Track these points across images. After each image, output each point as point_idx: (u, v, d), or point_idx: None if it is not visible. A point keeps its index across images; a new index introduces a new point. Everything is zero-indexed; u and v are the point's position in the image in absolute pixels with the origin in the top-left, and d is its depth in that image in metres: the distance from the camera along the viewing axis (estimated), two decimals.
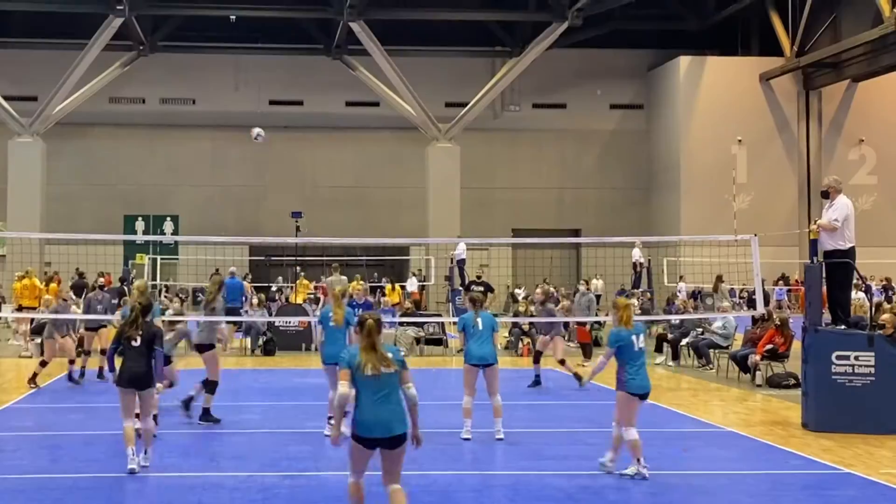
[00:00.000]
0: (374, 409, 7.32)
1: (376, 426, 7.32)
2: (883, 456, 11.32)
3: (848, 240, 13.21)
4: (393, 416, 7.35)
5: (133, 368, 9.96)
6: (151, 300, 11.13)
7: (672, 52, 41.02)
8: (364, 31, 36.42)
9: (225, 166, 41.64)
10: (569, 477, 10.08)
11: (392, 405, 7.37)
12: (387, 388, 7.37)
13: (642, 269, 33.24)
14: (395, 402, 7.39)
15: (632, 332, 10.20)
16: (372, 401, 7.33)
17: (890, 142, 40.58)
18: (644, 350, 10.24)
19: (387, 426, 7.32)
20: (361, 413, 7.33)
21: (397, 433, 7.36)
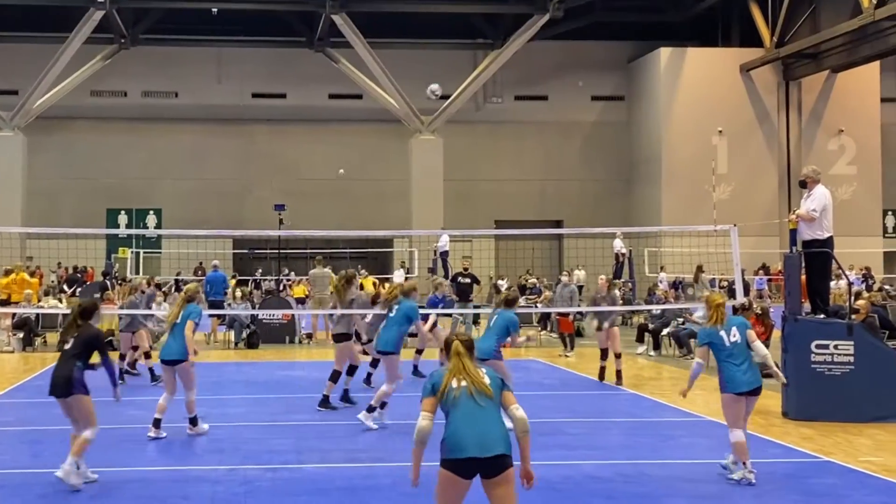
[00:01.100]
0: (468, 426, 6.10)
1: (470, 444, 6.04)
2: (862, 444, 11.44)
3: (826, 229, 13.29)
4: (490, 434, 6.06)
5: (54, 374, 9.33)
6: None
7: (653, 44, 41.22)
8: (346, 24, 36.48)
9: (208, 159, 41.62)
10: (550, 467, 10.14)
11: (490, 423, 6.11)
12: (483, 407, 6.17)
13: (624, 260, 33.45)
14: (493, 420, 6.14)
15: (721, 329, 9.79)
16: (464, 418, 6.15)
17: (869, 132, 40.90)
18: (739, 343, 9.75)
19: (482, 444, 6.03)
20: (452, 432, 6.12)
21: (497, 453, 6.02)
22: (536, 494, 8.91)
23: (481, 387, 6.20)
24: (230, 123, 41.76)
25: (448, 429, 6.17)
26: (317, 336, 25.11)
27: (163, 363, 11.78)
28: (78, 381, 9.24)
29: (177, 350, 11.62)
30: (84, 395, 9.30)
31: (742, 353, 9.72)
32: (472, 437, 6.02)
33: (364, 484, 9.55)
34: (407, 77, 38.84)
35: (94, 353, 9.46)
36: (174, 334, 11.75)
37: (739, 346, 9.73)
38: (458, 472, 6.06)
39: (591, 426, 12.82)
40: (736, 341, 9.73)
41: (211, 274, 27.41)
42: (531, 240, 36.59)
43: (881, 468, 10.10)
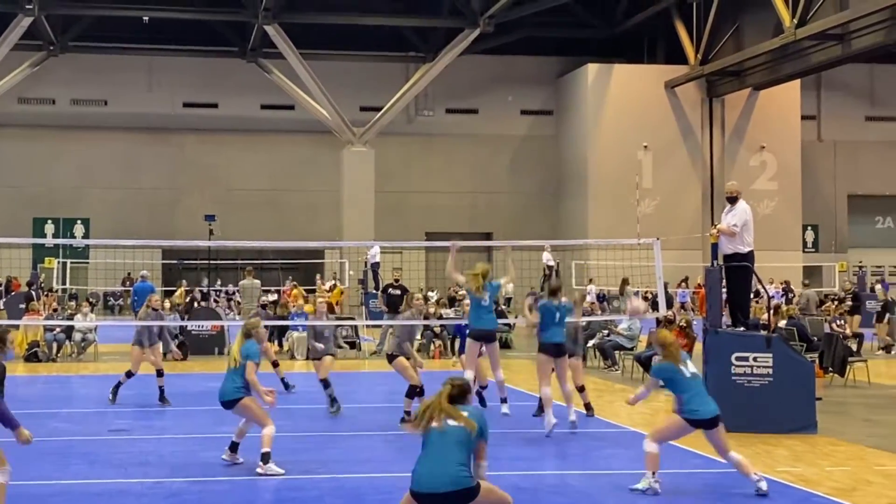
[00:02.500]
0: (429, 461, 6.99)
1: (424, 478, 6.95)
2: (780, 455, 11.69)
3: (747, 244, 13.57)
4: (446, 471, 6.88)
5: None
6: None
7: (581, 60, 41.85)
8: (279, 35, 36.51)
9: (138, 169, 41.27)
10: (493, 478, 10.38)
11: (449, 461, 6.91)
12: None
13: (551, 272, 33.98)
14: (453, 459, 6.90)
15: (679, 365, 10.00)
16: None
17: (789, 148, 41.90)
18: (697, 373, 10.10)
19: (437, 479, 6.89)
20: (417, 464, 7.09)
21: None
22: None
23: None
24: (161, 132, 41.53)
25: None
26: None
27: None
28: None
29: (229, 390, 10.92)
30: None
31: (699, 383, 10.11)
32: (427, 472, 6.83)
33: (291, 496, 9.63)
34: (339, 89, 39.02)
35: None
36: (229, 374, 11.05)
37: (697, 377, 10.13)
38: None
39: (515, 437, 12.93)
40: (695, 372, 10.12)
41: (139, 284, 27.33)
42: (461, 252, 36.86)
43: (798, 478, 10.37)
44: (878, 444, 12.42)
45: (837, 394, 17.26)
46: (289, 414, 14.93)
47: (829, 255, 43.86)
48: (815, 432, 13.07)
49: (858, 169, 44.80)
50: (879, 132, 45.07)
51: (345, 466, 11.05)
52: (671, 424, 10.08)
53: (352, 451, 12.02)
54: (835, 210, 45.16)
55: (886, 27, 31.24)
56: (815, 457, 11.65)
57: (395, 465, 11.23)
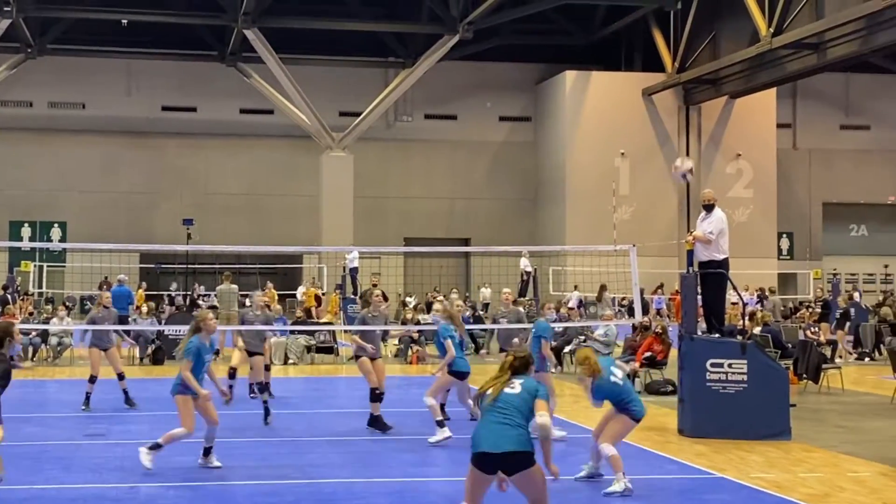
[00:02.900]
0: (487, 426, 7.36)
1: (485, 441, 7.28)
2: (754, 461, 11.76)
3: (723, 251, 13.68)
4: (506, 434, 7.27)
5: None
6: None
7: (559, 67, 42.02)
8: (258, 39, 36.49)
9: (116, 172, 41.12)
10: (447, 483, 10.35)
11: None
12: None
13: (529, 278, 34.18)
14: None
15: (605, 377, 10.16)
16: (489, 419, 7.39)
17: (764, 156, 42.17)
18: (624, 377, 10.34)
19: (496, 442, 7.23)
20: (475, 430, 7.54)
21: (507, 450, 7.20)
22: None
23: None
24: (139, 136, 41.42)
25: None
26: (224, 352, 25.14)
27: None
28: None
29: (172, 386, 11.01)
30: None
31: (630, 385, 10.32)
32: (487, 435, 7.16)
33: (266, 501, 9.66)
34: (318, 94, 39.05)
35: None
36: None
37: (626, 381, 10.32)
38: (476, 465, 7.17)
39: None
40: (620, 376, 10.26)
41: (116, 288, 27.25)
42: (439, 257, 37.05)
43: (772, 484, 10.43)
44: (851, 450, 12.56)
45: (811, 400, 17.44)
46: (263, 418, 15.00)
47: (804, 262, 44.21)
48: (789, 438, 13.17)
49: (833, 177, 45.18)
50: (854, 141, 45.49)
51: (321, 471, 11.09)
52: (622, 425, 10.21)
53: (328, 456, 12.07)
54: (809, 218, 45.52)
55: (861, 36, 31.54)
56: (788, 463, 11.75)
57: (370, 469, 11.32)
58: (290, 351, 23.46)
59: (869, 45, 31.82)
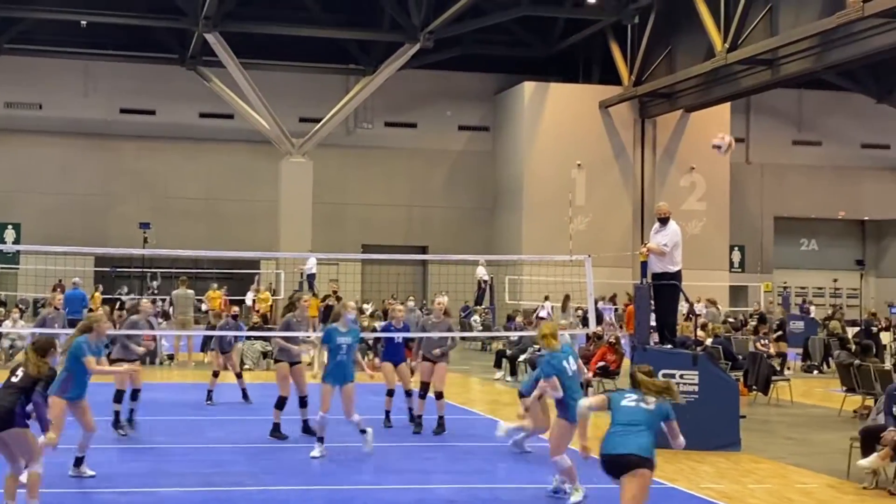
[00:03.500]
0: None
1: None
2: (704, 471, 12.01)
3: (676, 263, 13.94)
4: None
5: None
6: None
7: (518, 78, 42.27)
8: (219, 43, 36.34)
9: (72, 174, 40.73)
10: (404, 491, 10.52)
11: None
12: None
13: (486, 287, 34.40)
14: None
15: (560, 357, 10.10)
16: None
17: (718, 170, 42.53)
18: (576, 374, 10.20)
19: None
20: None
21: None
22: None
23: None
24: (96, 138, 41.12)
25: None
26: (178, 357, 25.14)
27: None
28: (19, 415, 8.83)
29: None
30: (25, 429, 8.92)
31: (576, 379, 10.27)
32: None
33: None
34: (279, 99, 38.98)
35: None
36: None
37: (576, 376, 10.32)
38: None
39: (447, 450, 13.19)
40: (575, 371, 10.32)
41: (70, 292, 27.12)
42: (397, 265, 37.15)
43: (721, 495, 10.65)
44: (799, 461, 12.84)
45: (761, 412, 17.75)
46: (221, 424, 15.13)
47: (755, 275, 44.82)
48: (738, 450, 13.44)
49: (784, 191, 45.83)
50: (805, 156, 46.19)
51: (274, 478, 11.17)
52: (563, 431, 10.22)
53: (283, 462, 12.18)
54: (761, 231, 46.13)
55: (815, 54, 32.07)
56: (738, 474, 11.98)
57: (325, 477, 11.43)
58: (247, 356, 23.53)
59: (822, 62, 32.37)
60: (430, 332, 15.01)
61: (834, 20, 28.24)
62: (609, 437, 8.12)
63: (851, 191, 46.36)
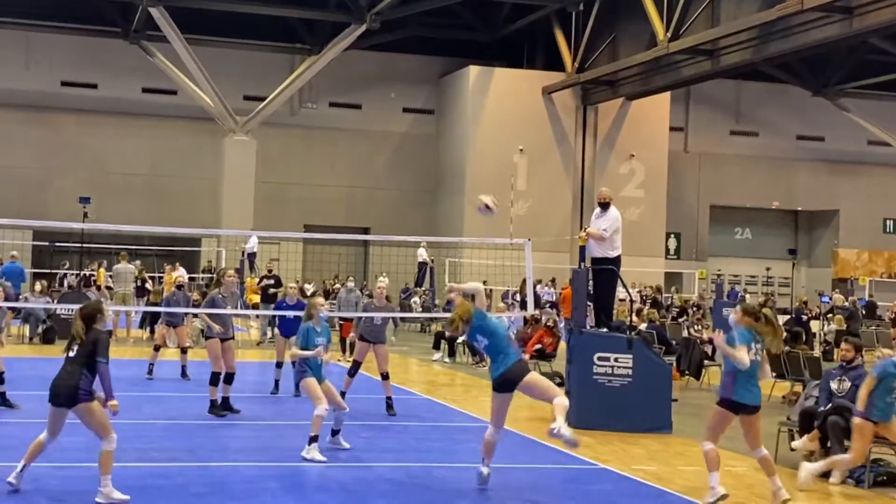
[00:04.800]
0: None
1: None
2: (636, 453, 12.20)
3: (616, 248, 14.19)
4: None
5: (55, 383, 8.99)
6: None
7: (463, 61, 42.38)
8: (164, 18, 35.96)
9: (10, 147, 40.00)
10: (342, 469, 10.61)
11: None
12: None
13: (426, 268, 34.65)
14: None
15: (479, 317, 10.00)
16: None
17: (656, 158, 43.13)
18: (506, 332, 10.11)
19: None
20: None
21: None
22: (328, 496, 9.60)
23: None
24: (36, 111, 40.55)
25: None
26: (117, 334, 25.09)
27: None
28: (83, 390, 8.87)
29: None
30: (90, 403, 8.93)
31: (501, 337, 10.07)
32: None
33: (157, 483, 9.73)
34: (223, 76, 38.76)
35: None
36: None
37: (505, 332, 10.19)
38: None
39: (383, 429, 13.29)
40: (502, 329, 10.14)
41: (7, 265, 26.94)
42: (339, 245, 37.23)
43: (652, 476, 10.88)
44: (727, 445, 13.01)
45: (693, 396, 18.04)
46: (159, 401, 15.23)
47: (691, 262, 45.55)
48: (670, 432, 13.72)
49: (721, 181, 46.56)
50: (742, 146, 46.95)
51: (212, 455, 11.26)
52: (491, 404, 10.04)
53: (221, 439, 12.29)
54: (697, 219, 46.82)
55: (754, 45, 32.60)
56: (668, 456, 12.21)
57: (262, 453, 11.49)
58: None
59: (760, 53, 32.94)
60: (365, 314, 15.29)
61: (774, 13, 28.80)
62: (747, 388, 9.66)
63: (786, 181, 47.29)
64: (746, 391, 9.64)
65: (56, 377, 8.98)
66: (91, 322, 8.99)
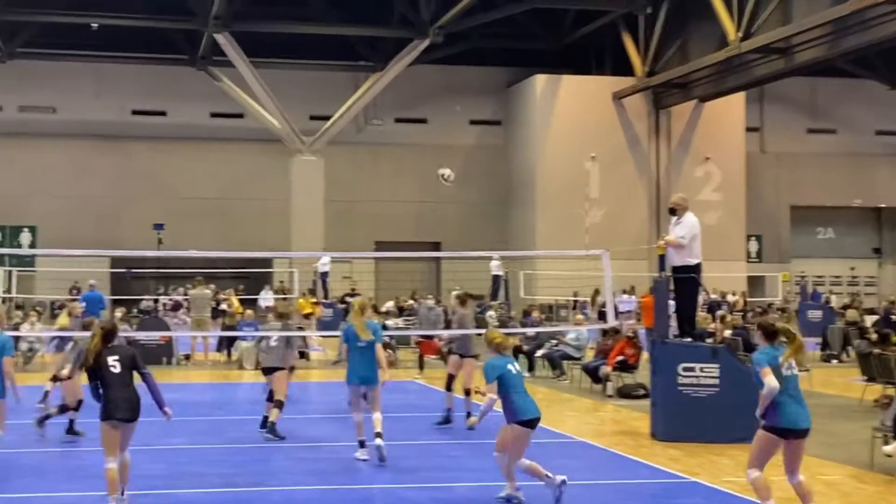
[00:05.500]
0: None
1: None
2: (725, 464, 11.82)
3: (695, 256, 13.73)
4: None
5: (124, 398, 9.26)
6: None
7: (529, 71, 42.14)
8: (229, 43, 36.41)
9: (86, 176, 40.85)
10: (421, 490, 10.40)
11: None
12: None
13: (500, 281, 34.25)
14: None
15: (507, 360, 9.88)
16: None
17: (733, 159, 42.49)
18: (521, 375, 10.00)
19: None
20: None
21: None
22: None
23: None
24: (109, 140, 41.19)
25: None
26: (195, 357, 25.10)
27: None
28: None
29: None
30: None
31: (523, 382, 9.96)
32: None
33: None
34: (289, 97, 39.00)
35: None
36: None
37: (521, 376, 10.03)
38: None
39: (469, 448, 13.01)
40: (519, 370, 10.06)
41: (87, 293, 27.15)
42: (410, 261, 37.05)
43: (742, 488, 10.41)
44: (821, 453, 12.64)
45: None
46: (241, 425, 15.01)
47: (773, 264, 44.59)
48: None
49: (800, 180, 45.61)
50: (820, 144, 45.96)
51: (295, 479, 11.09)
52: (511, 434, 9.84)
53: (302, 462, 12.07)
54: (777, 220, 45.93)
55: (828, 41, 31.89)
56: None
57: (344, 477, 11.29)
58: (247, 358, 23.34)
59: (835, 49, 32.21)
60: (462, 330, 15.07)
61: (847, 7, 28.07)
62: (795, 409, 8.76)
63: (867, 178, 46.11)
64: (795, 413, 8.78)
65: (119, 394, 9.15)
66: (111, 340, 9.32)
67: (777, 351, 8.87)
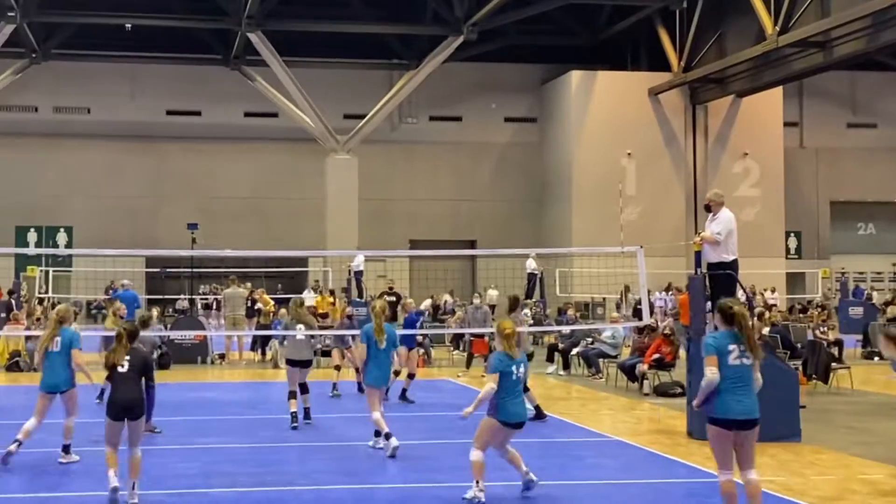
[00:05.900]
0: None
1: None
2: (763, 463, 11.42)
3: (732, 252, 13.54)
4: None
5: (126, 397, 9.62)
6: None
7: (564, 67, 41.89)
8: (263, 42, 36.51)
9: (121, 177, 41.13)
10: (457, 489, 10.20)
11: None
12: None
13: (535, 279, 34.02)
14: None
15: (515, 361, 9.59)
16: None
17: (771, 155, 42.01)
18: (521, 380, 9.75)
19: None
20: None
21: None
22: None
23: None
24: (143, 140, 41.42)
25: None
26: (230, 356, 25.11)
27: (46, 393, 11.41)
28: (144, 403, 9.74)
29: (65, 379, 11.39)
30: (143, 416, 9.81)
31: (519, 388, 9.72)
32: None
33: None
34: (323, 96, 39.01)
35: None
36: (53, 363, 11.39)
37: (520, 381, 9.73)
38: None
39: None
40: (521, 375, 9.70)
41: (122, 293, 27.18)
42: (445, 259, 36.93)
43: (782, 487, 10.37)
44: (862, 452, 12.46)
45: (821, 401, 17.33)
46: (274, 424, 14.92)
47: (812, 261, 44.05)
48: (799, 440, 13.13)
49: (840, 175, 45.07)
50: (860, 139, 45.37)
51: (328, 477, 11.00)
52: (486, 428, 9.65)
53: (334, 462, 11.97)
54: (817, 216, 45.39)
55: (867, 35, 31.43)
56: (799, 465, 11.69)
57: (379, 476, 11.25)
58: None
59: (875, 42, 31.70)
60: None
61: None
62: (735, 399, 8.34)
63: None
64: (735, 402, 8.31)
65: (122, 393, 9.65)
66: (132, 339, 9.90)
67: (732, 336, 8.39)
